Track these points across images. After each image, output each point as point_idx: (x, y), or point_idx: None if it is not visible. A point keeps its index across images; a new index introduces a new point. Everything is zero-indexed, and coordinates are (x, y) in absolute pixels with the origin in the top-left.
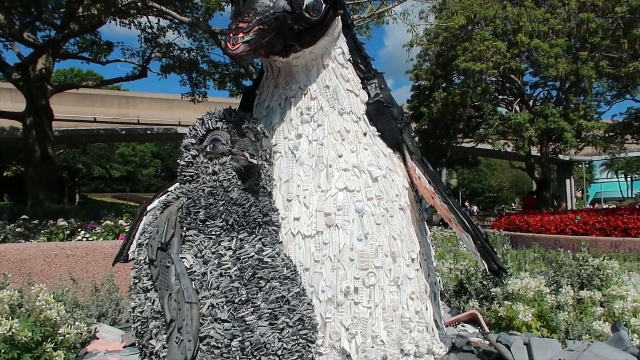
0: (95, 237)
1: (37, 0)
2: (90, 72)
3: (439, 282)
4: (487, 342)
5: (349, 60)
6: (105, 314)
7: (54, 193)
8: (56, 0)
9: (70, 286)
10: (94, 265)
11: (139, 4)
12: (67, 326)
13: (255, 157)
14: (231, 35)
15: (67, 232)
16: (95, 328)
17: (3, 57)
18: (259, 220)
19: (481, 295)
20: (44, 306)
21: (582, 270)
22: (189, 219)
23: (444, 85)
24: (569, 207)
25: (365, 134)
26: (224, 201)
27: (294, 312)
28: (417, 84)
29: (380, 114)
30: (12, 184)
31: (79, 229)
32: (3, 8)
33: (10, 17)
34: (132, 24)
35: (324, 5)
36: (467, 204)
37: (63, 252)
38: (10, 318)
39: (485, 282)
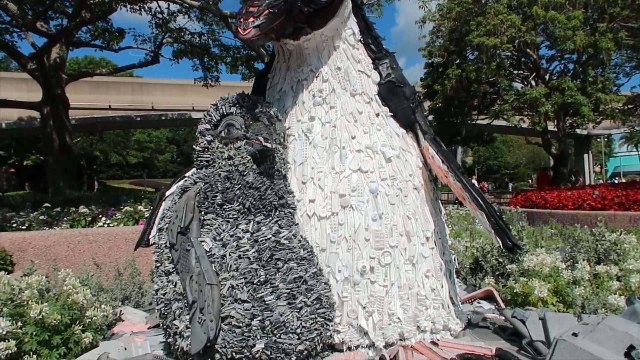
0: (116, 223)
1: None
2: (103, 59)
3: (454, 260)
4: (503, 317)
5: (360, 41)
6: (129, 297)
7: (74, 181)
8: None
9: (94, 271)
10: (116, 251)
11: None
12: (94, 309)
13: (270, 141)
14: (242, 20)
15: (89, 219)
16: (120, 310)
17: (18, 47)
18: (275, 203)
19: (497, 272)
20: (71, 290)
21: (599, 246)
22: (206, 203)
23: (457, 61)
24: (587, 182)
25: (377, 115)
26: (240, 185)
27: (312, 292)
28: (430, 61)
29: (392, 94)
30: (32, 172)
31: (100, 216)
32: None
33: (23, 8)
34: (142, 10)
35: None
36: (482, 184)
37: (86, 238)
38: (40, 302)
39: (500, 259)
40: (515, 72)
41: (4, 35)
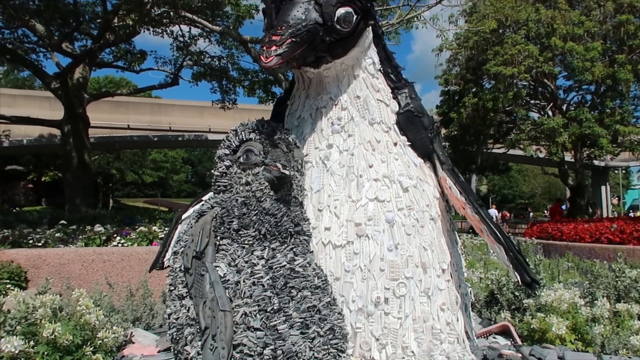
0: (130, 243)
1: (76, 11)
2: (124, 79)
3: (470, 293)
4: (520, 355)
5: (380, 70)
6: (140, 319)
7: (90, 198)
8: (93, 11)
9: (106, 291)
10: (129, 271)
11: (172, 13)
12: (105, 330)
13: (288, 168)
14: (264, 48)
15: (104, 237)
16: (131, 332)
17: (43, 67)
18: (291, 230)
19: (513, 306)
20: (84, 311)
21: (619, 282)
22: (222, 228)
23: (474, 90)
24: (605, 215)
25: (395, 144)
26: (256, 211)
27: (325, 322)
28: (446, 89)
29: (411, 123)
30: (50, 188)
31: (115, 235)
32: (43, 20)
33: (50, 29)
34: (164, 33)
35: (355, 17)
36: (503, 213)
37: (100, 257)
38: (52, 322)
39: (517, 293)
40: (532, 101)
41: (30, 54)
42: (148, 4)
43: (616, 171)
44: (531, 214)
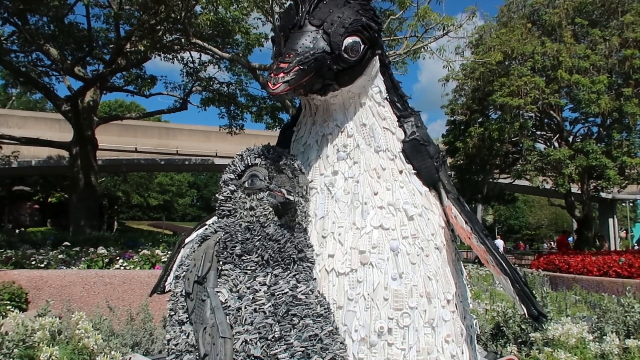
0: (132, 266)
1: (89, 36)
2: (133, 103)
3: (475, 325)
4: None
5: (386, 98)
6: (139, 343)
7: (95, 220)
8: (106, 37)
9: (106, 314)
10: (130, 294)
11: (183, 40)
12: (104, 355)
13: (292, 194)
14: (272, 75)
15: (106, 260)
16: (130, 358)
17: (55, 90)
18: (294, 256)
19: (519, 340)
20: (82, 334)
21: (628, 317)
22: (225, 253)
23: (480, 120)
24: (613, 248)
25: (401, 172)
26: (260, 236)
27: (327, 352)
28: (452, 118)
29: (417, 152)
30: (55, 209)
31: (118, 258)
32: (58, 44)
33: (63, 53)
34: (175, 59)
35: (362, 46)
36: (519, 244)
37: (102, 279)
38: (50, 345)
39: (523, 326)
40: (538, 132)
41: (43, 77)
42: (160, 30)
43: (624, 204)
44: (545, 244)
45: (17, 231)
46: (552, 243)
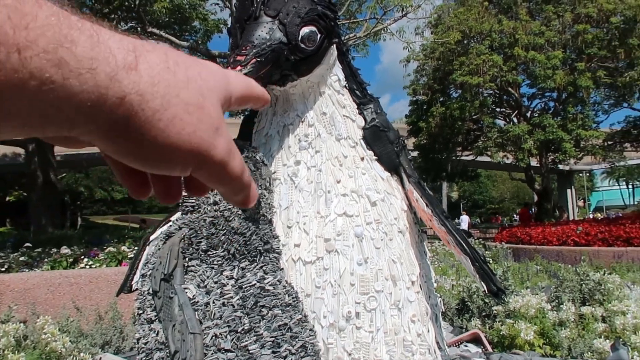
0: (98, 264)
1: None
2: None
3: (440, 303)
4: None
5: (345, 86)
6: (110, 342)
7: (57, 218)
8: None
9: (74, 315)
10: (97, 293)
11: (139, 29)
12: (72, 357)
13: (255, 187)
14: (230, 68)
15: (71, 260)
16: (100, 358)
17: None
18: (260, 248)
19: (483, 314)
20: (49, 338)
21: (584, 285)
22: (191, 249)
23: (441, 99)
24: (571, 217)
25: (362, 159)
26: (225, 231)
27: (297, 339)
28: (414, 98)
29: (377, 138)
30: (14, 208)
31: (82, 257)
32: None
33: None
34: None
35: (319, 36)
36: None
37: (67, 280)
38: (16, 352)
39: (487, 300)
40: (498, 109)
41: None
42: (114, 19)
43: (581, 174)
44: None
45: None
46: (515, 216)
